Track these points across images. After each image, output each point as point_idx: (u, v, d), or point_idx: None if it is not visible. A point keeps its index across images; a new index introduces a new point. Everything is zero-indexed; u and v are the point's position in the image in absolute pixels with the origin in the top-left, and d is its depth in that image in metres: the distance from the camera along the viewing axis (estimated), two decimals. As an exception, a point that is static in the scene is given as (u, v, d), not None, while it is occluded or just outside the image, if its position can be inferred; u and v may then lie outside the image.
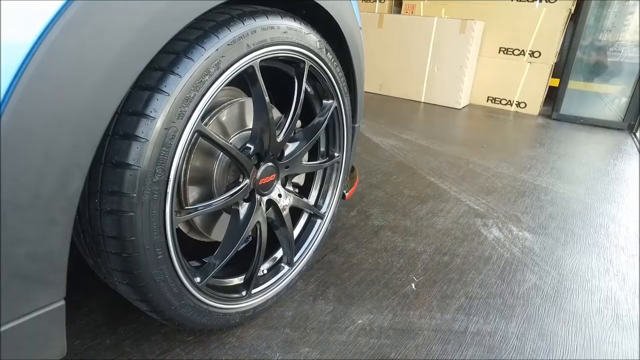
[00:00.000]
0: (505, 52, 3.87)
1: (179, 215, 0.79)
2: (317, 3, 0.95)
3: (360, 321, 1.13)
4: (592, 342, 1.13)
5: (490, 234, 1.66)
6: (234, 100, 0.97)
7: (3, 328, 0.57)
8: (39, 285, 0.60)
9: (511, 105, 4.00)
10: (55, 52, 0.52)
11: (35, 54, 0.50)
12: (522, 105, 3.95)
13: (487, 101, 4.12)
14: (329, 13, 1.00)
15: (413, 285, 1.30)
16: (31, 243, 0.57)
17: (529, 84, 3.85)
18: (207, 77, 0.72)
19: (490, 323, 1.17)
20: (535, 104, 3.89)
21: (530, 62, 3.78)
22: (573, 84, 3.71)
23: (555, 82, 3.86)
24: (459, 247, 1.55)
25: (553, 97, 3.87)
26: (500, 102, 4.05)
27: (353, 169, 1.44)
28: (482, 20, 3.80)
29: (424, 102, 4.07)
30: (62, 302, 0.64)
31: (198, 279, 0.87)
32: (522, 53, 3.79)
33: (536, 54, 3.73)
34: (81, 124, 0.57)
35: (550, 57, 3.69)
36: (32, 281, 0.59)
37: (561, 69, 3.79)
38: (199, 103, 0.72)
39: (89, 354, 0.95)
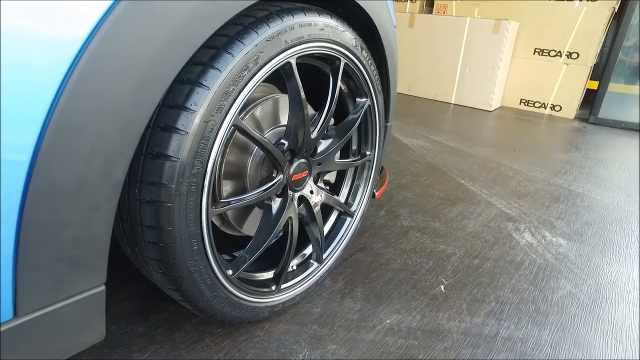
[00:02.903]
0: (540, 53, 3.76)
1: (214, 207, 0.81)
2: (355, 1, 0.95)
3: (388, 321, 1.12)
4: (634, 356, 1.08)
5: (523, 239, 1.61)
6: (269, 96, 0.98)
7: (51, 308, 0.59)
8: (83, 269, 0.63)
9: (545, 108, 3.88)
10: (105, 47, 0.54)
11: (86, 49, 0.52)
12: (557, 108, 3.82)
13: (520, 104, 4.02)
14: (364, 11, 0.99)
15: (442, 288, 1.28)
16: (77, 228, 0.59)
17: (565, 87, 3.72)
18: (245, 72, 0.73)
19: (522, 329, 1.13)
20: (571, 107, 3.76)
21: (567, 64, 3.65)
22: (613, 87, 3.56)
23: (594, 85, 3.71)
24: (490, 250, 1.51)
25: (591, 100, 3.73)
26: (534, 105, 3.94)
27: (382, 168, 1.43)
28: (516, 20, 3.70)
29: (454, 104, 4.00)
30: (103, 287, 0.67)
31: (230, 272, 0.88)
32: (559, 54, 3.67)
33: (574, 55, 3.60)
34: (126, 116, 0.59)
35: (589, 58, 3.55)
36: (77, 265, 0.61)
37: (601, 71, 3.64)
38: (237, 97, 0.73)
39: (124, 340, 0.99)
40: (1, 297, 0.54)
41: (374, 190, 1.31)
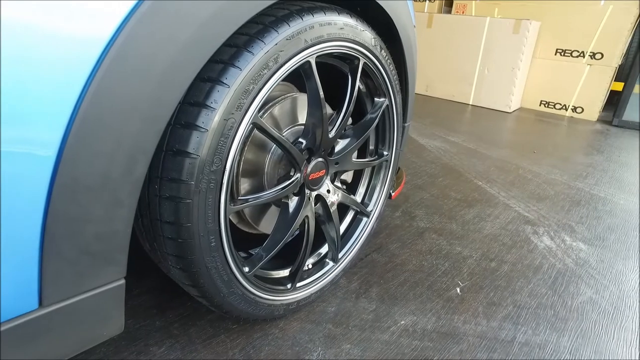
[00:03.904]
0: (562, 53, 3.68)
1: (232, 205, 0.82)
2: (375, 1, 0.94)
3: (403, 322, 1.11)
4: (654, 364, 1.05)
5: (541, 243, 1.58)
6: (287, 95, 0.98)
7: (73, 300, 0.61)
8: (104, 263, 0.64)
9: (566, 110, 3.80)
10: (128, 46, 0.55)
11: (110, 48, 0.53)
12: (578, 110, 3.74)
13: (540, 105, 3.94)
14: (384, 10, 0.99)
15: (458, 290, 1.27)
16: (100, 223, 0.60)
17: (587, 88, 3.63)
18: (265, 71, 0.74)
19: (540, 335, 1.11)
20: (593, 109, 3.67)
21: (590, 65, 3.56)
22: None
23: (619, 86, 3.62)
24: (507, 253, 1.49)
25: (615, 102, 3.63)
26: (554, 107, 3.86)
27: (399, 169, 1.42)
28: (538, 20, 3.63)
29: (472, 105, 3.95)
30: (123, 281, 0.68)
31: (246, 269, 0.89)
32: (582, 54, 3.58)
33: (598, 56, 3.51)
34: (148, 113, 0.60)
35: (614, 58, 3.46)
36: (98, 258, 0.63)
37: (626, 72, 3.54)
38: (257, 96, 0.74)
39: (141, 333, 1.00)
40: (28, 288, 0.55)
41: (391, 191, 1.31)
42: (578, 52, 3.60)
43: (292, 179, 0.93)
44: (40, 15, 0.47)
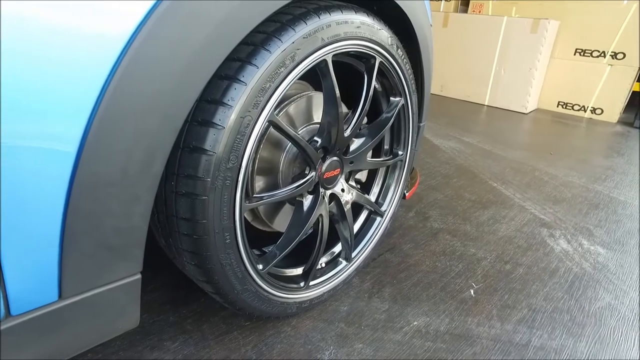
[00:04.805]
0: (581, 53, 3.60)
1: (247, 202, 0.82)
2: (392, 0, 0.94)
3: (415, 323, 1.10)
4: (675, 373, 1.02)
5: (558, 246, 1.56)
6: (303, 93, 0.98)
7: (92, 293, 0.62)
8: (121, 257, 0.65)
9: (585, 112, 3.72)
10: (147, 46, 0.55)
11: (129, 48, 0.54)
12: (597, 111, 3.66)
13: (558, 106, 3.87)
14: (401, 9, 0.98)
15: (472, 292, 1.25)
16: (118, 218, 0.61)
17: (607, 89, 3.55)
18: (282, 69, 0.74)
19: (556, 339, 1.09)
20: (613, 110, 3.59)
21: (611, 65, 3.49)
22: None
23: (641, 87, 3.53)
24: (522, 256, 1.47)
25: (637, 103, 3.54)
26: (573, 108, 3.78)
27: (413, 169, 1.41)
28: (557, 20, 3.57)
29: (487, 105, 3.90)
30: (139, 276, 0.69)
31: (260, 266, 0.89)
32: (602, 54, 3.50)
33: (619, 56, 3.43)
34: (166, 111, 0.61)
35: (636, 59, 3.37)
36: (116, 253, 0.64)
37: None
38: (273, 94, 0.74)
39: (155, 328, 1.01)
40: (48, 280, 0.56)
41: (405, 191, 1.30)
42: (599, 52, 3.52)
43: (307, 177, 0.93)
44: (62, 15, 0.48)
